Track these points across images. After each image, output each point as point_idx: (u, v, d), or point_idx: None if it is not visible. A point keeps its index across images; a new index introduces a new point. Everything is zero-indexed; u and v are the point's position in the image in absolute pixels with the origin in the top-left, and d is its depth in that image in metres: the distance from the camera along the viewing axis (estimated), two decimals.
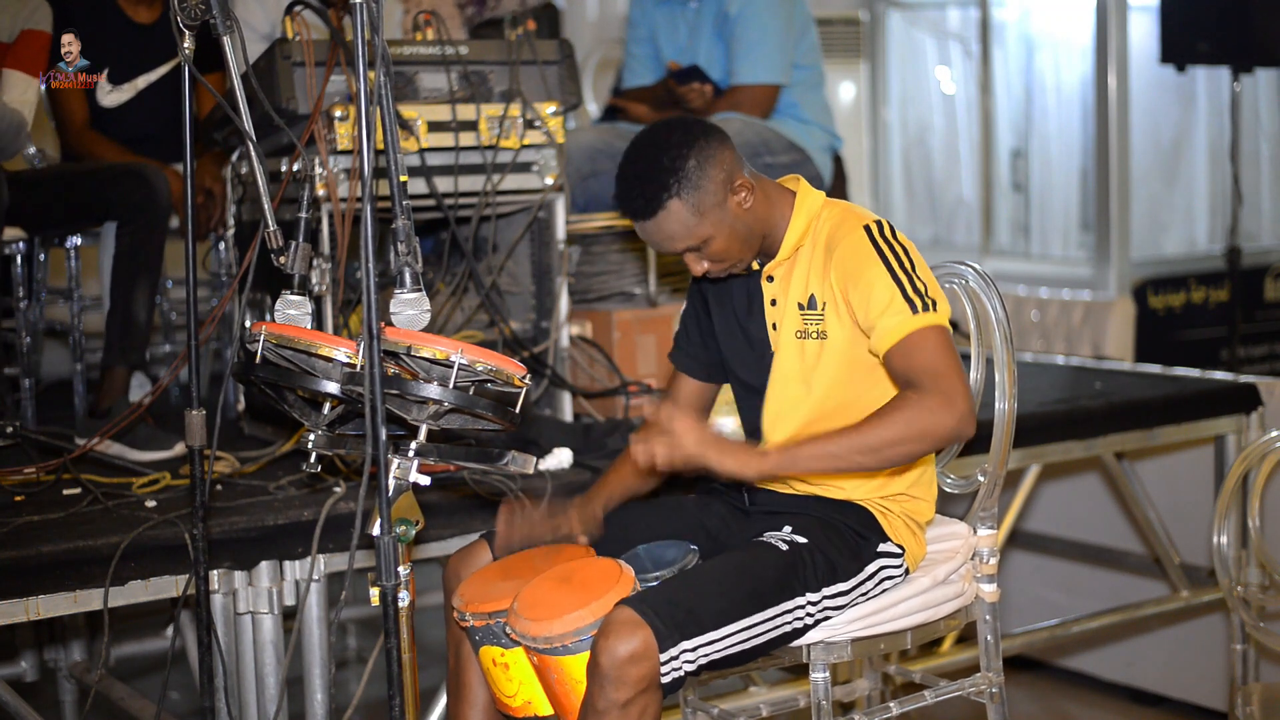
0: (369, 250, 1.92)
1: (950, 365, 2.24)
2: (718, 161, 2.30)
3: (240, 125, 2.28)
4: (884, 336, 2.27)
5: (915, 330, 2.24)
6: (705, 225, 2.30)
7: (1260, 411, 3.92)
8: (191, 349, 2.34)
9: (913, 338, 2.24)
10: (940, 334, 2.26)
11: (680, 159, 2.28)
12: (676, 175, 2.27)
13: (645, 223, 2.32)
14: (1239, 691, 2.86)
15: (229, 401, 3.56)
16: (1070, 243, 7.16)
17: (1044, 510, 4.49)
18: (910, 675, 2.88)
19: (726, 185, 2.31)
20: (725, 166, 2.31)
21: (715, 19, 4.19)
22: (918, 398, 2.21)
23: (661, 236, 2.33)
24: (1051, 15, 7.23)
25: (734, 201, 2.32)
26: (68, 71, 3.22)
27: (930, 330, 2.25)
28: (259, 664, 2.73)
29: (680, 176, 2.27)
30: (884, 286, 2.27)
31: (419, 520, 2.02)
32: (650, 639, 2.08)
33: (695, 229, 2.30)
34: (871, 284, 2.28)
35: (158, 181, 3.39)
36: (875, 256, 2.29)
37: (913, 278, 2.28)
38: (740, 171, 2.34)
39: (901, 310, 2.25)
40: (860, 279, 2.29)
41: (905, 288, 2.27)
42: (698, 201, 2.29)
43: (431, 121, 3.17)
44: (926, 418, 2.19)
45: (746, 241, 2.35)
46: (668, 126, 2.35)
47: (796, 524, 2.34)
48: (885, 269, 2.28)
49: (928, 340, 2.24)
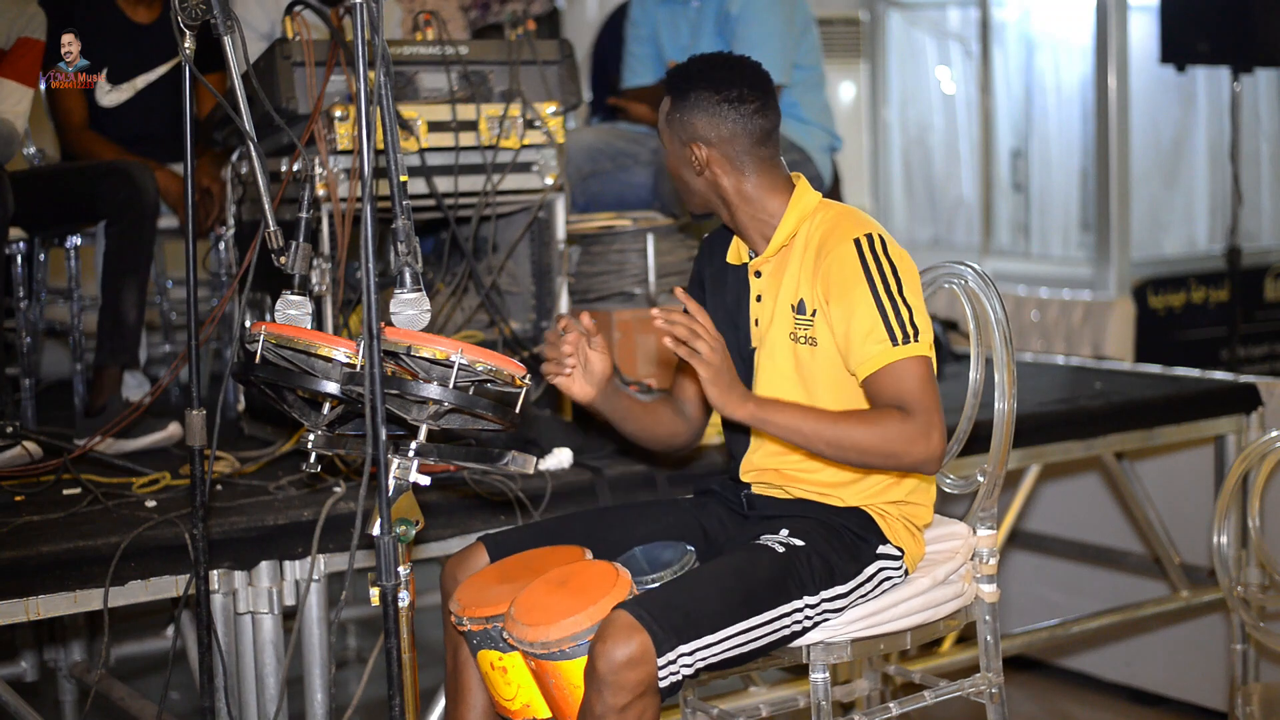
0: (369, 250, 1.92)
1: (929, 399, 2.25)
2: (720, 121, 2.36)
3: (240, 125, 2.28)
4: (863, 364, 2.28)
5: (895, 361, 2.25)
6: (664, 138, 2.44)
7: (1260, 411, 3.92)
8: (191, 349, 2.34)
9: (892, 369, 2.25)
10: (921, 365, 2.26)
11: (722, 89, 2.36)
12: (701, 95, 2.36)
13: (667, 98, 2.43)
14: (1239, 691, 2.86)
15: (229, 401, 3.56)
16: (1070, 243, 7.16)
17: (1044, 510, 4.49)
18: (910, 675, 2.88)
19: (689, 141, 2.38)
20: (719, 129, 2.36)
21: (716, 18, 4.19)
22: (903, 420, 2.22)
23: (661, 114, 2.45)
24: (1051, 15, 7.23)
25: (687, 153, 2.39)
26: (67, 71, 3.22)
27: (910, 362, 2.26)
28: (259, 664, 2.73)
29: (701, 97, 2.36)
30: (866, 311, 2.27)
31: (419, 520, 2.02)
32: (647, 643, 2.08)
33: (666, 129, 2.42)
34: (854, 306, 2.27)
35: (144, 179, 3.37)
36: (861, 275, 2.28)
37: (897, 303, 2.27)
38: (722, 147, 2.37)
39: (882, 340, 2.26)
40: (844, 298, 2.29)
41: (888, 315, 2.26)
42: (671, 118, 2.39)
43: (431, 121, 3.17)
44: (902, 442, 2.22)
45: (695, 189, 2.42)
46: (753, 71, 2.42)
47: (794, 527, 2.34)
48: (869, 291, 2.27)
49: (908, 372, 2.25)
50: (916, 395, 2.24)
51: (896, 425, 2.22)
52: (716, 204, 2.43)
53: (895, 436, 2.22)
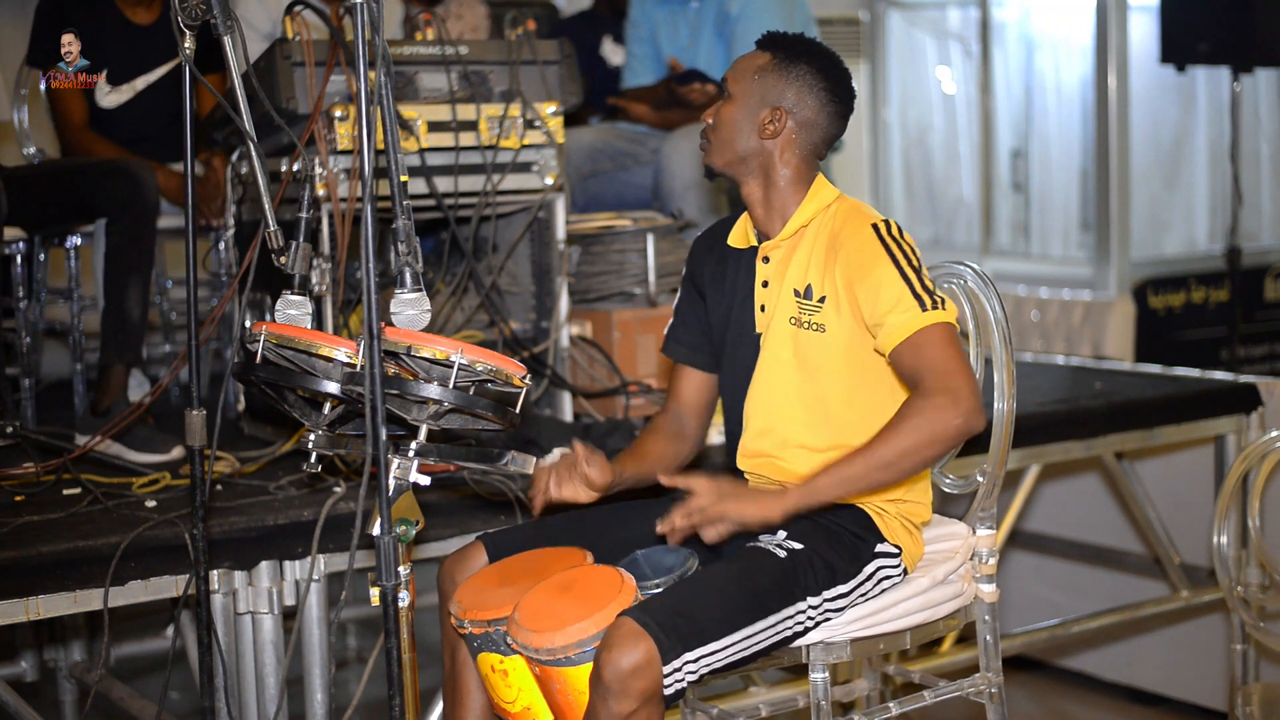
0: (369, 250, 1.92)
1: (956, 362, 2.24)
2: (815, 105, 2.40)
3: (240, 125, 2.28)
4: (892, 333, 2.27)
5: (924, 327, 2.25)
6: (740, 87, 2.41)
7: (1260, 411, 3.92)
8: (191, 349, 2.33)
9: (921, 334, 2.25)
10: (948, 331, 2.27)
11: (830, 80, 2.41)
12: (808, 71, 2.40)
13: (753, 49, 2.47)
14: (1239, 691, 2.86)
15: (229, 401, 3.56)
16: (1070, 243, 7.16)
17: (1044, 510, 4.49)
18: (910, 675, 2.88)
19: (773, 104, 2.39)
20: (807, 110, 2.40)
21: (716, 19, 4.19)
22: (922, 402, 2.21)
23: (737, 60, 2.47)
24: (1051, 15, 7.23)
25: (765, 113, 2.40)
26: (67, 71, 3.22)
27: (939, 327, 2.26)
28: (259, 664, 2.73)
29: (807, 73, 2.40)
30: (892, 283, 2.28)
31: (419, 520, 2.02)
32: (653, 651, 2.07)
33: (738, 77, 2.42)
34: (880, 281, 2.29)
35: (145, 177, 3.37)
36: (884, 254, 2.30)
37: (920, 276, 2.29)
38: (799, 128, 2.41)
39: (911, 307, 2.26)
40: (868, 275, 2.30)
41: (914, 285, 2.28)
42: (765, 75, 2.40)
43: (431, 121, 3.17)
44: (934, 421, 2.20)
45: (738, 147, 2.41)
46: (850, 83, 2.47)
47: (792, 528, 2.33)
48: (894, 266, 2.29)
49: (936, 337, 2.25)
50: (945, 360, 2.23)
51: (921, 409, 2.20)
52: (753, 173, 2.42)
53: (926, 420, 2.20)
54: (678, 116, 4.18)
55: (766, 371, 2.41)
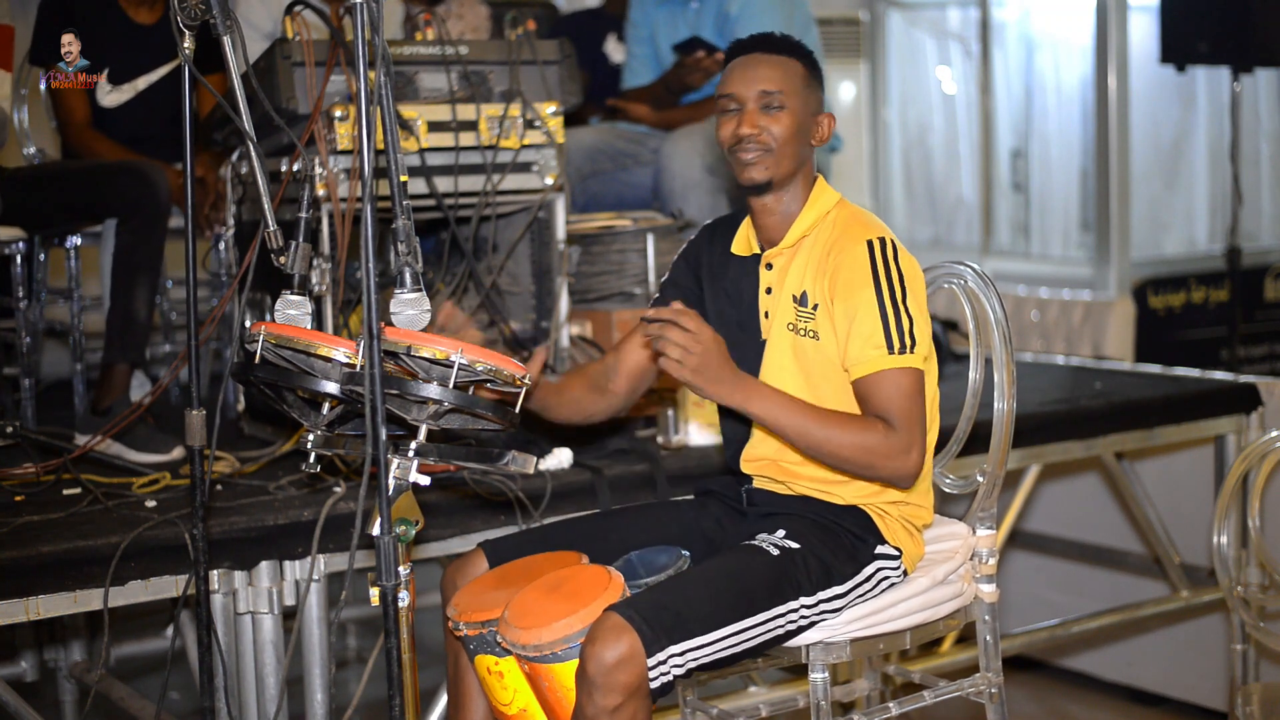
0: (369, 250, 1.92)
1: (914, 413, 2.26)
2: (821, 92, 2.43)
3: (240, 125, 2.28)
4: (855, 365, 2.29)
5: (888, 370, 2.26)
6: (795, 99, 2.37)
7: (1260, 411, 3.92)
8: (191, 349, 2.34)
9: (884, 376, 2.26)
10: (912, 378, 2.27)
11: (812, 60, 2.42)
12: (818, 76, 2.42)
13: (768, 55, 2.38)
14: (1239, 691, 2.86)
15: (229, 401, 3.56)
16: (1070, 243, 7.16)
17: (1044, 510, 4.49)
18: (910, 675, 2.88)
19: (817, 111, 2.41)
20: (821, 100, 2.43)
21: (716, 19, 4.19)
22: (887, 433, 2.24)
23: (767, 68, 2.37)
24: (1051, 15, 7.23)
25: (814, 119, 2.40)
26: (68, 71, 3.22)
27: (902, 373, 2.26)
28: (259, 664, 2.73)
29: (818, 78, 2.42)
30: (869, 315, 2.28)
31: (419, 520, 2.02)
32: (637, 644, 2.08)
33: (790, 88, 2.37)
34: (858, 307, 2.29)
35: (157, 178, 3.39)
36: (869, 278, 2.29)
37: (900, 312, 2.28)
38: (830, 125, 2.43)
39: (879, 345, 2.27)
40: (850, 298, 2.30)
41: (889, 322, 2.27)
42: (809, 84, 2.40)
43: (431, 121, 3.17)
44: (881, 455, 2.24)
45: (797, 157, 2.38)
46: None
47: (791, 527, 2.34)
48: (875, 295, 2.28)
49: (898, 382, 2.26)
50: (904, 409, 2.26)
51: (879, 437, 2.24)
52: (789, 180, 2.40)
53: (876, 448, 2.24)
54: (678, 116, 4.18)
55: (770, 377, 2.41)
